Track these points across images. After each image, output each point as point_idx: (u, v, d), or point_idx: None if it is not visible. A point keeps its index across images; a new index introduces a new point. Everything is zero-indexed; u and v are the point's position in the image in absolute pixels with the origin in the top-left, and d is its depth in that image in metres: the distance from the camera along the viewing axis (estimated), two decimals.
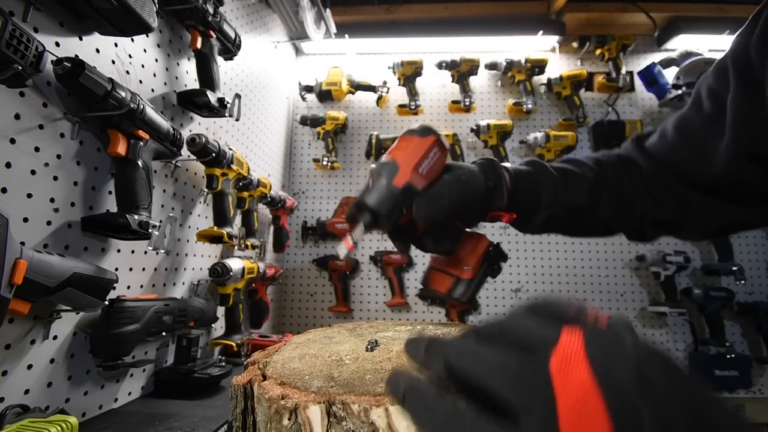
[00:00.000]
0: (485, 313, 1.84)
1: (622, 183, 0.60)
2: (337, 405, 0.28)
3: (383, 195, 0.45)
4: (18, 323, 0.61)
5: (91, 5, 0.67)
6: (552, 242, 1.88)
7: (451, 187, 0.49)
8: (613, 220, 0.61)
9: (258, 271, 1.26)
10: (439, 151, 0.49)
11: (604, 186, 0.59)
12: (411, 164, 0.46)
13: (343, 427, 0.27)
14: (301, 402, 0.28)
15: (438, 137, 0.49)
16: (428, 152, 0.47)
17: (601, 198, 0.59)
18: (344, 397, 0.28)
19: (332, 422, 0.28)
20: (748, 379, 1.68)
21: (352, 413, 0.27)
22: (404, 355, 0.27)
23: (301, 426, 0.28)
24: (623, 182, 0.60)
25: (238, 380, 0.34)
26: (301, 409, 0.28)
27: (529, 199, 0.57)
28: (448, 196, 0.48)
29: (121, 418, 0.76)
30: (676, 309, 1.68)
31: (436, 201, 0.48)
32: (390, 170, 0.46)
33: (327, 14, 1.70)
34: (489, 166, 0.55)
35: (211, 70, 1.04)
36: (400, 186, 0.45)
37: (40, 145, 0.65)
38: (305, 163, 2.00)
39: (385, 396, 0.28)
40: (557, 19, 1.88)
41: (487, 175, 0.54)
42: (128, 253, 0.85)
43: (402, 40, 1.95)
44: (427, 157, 0.47)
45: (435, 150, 0.48)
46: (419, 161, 0.47)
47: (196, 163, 1.08)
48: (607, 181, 0.60)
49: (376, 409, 0.27)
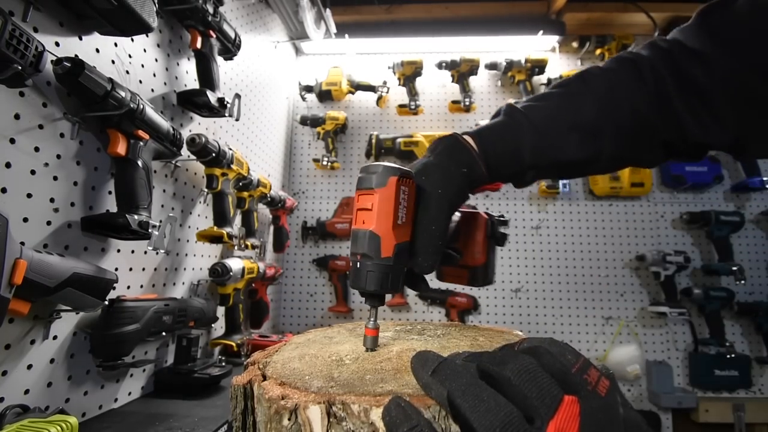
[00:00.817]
0: (485, 313, 1.84)
1: (645, 110, 0.47)
2: (337, 405, 0.28)
3: (379, 274, 0.39)
4: (18, 323, 0.61)
5: (90, 5, 0.67)
6: (552, 242, 1.88)
7: (436, 216, 0.42)
8: (625, 160, 0.51)
9: (258, 271, 1.26)
10: (407, 186, 0.40)
11: (611, 123, 0.47)
12: (389, 226, 0.39)
13: (343, 427, 0.27)
14: (301, 402, 0.28)
15: (399, 175, 0.39)
16: (397, 199, 0.39)
17: (604, 143, 0.48)
18: (344, 397, 0.28)
19: (332, 422, 0.27)
20: (748, 379, 1.68)
21: (352, 413, 0.27)
22: (405, 355, 0.27)
23: (301, 426, 0.28)
24: (647, 108, 0.47)
25: (238, 380, 0.34)
26: (301, 409, 0.28)
27: (508, 162, 0.48)
28: (438, 226, 0.42)
29: (121, 418, 0.76)
30: (676, 309, 1.68)
31: (430, 245, 0.41)
32: (371, 244, 0.39)
33: (327, 14, 1.70)
34: (449, 146, 0.46)
35: (211, 70, 1.04)
36: (390, 255, 0.39)
37: (40, 145, 0.65)
38: (305, 163, 2.00)
39: (386, 396, 0.28)
40: (557, 19, 1.88)
41: (453, 158, 0.45)
42: (128, 253, 0.85)
43: (402, 40, 1.95)
44: (399, 204, 0.39)
45: (402, 189, 0.39)
46: (394, 216, 0.39)
47: (196, 163, 1.08)
48: (618, 112, 0.47)
49: (376, 410, 0.27)
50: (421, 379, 0.26)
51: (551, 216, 1.90)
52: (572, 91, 0.50)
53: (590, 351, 1.79)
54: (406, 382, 0.31)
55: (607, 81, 0.49)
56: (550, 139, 0.48)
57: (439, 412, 0.26)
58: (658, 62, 0.48)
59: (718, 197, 1.87)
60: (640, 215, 1.87)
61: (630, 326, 1.79)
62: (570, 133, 0.48)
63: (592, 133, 0.48)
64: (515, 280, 1.86)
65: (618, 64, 0.50)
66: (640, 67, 0.49)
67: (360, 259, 0.40)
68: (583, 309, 1.82)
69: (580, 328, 1.81)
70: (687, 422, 1.71)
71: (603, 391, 0.22)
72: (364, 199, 0.40)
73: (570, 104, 0.49)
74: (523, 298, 1.85)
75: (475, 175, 0.46)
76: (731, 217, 1.75)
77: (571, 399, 0.21)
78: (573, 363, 0.23)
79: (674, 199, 1.88)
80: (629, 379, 1.70)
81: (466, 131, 0.49)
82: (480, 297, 1.84)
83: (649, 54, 0.49)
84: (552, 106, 0.49)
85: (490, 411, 0.21)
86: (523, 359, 0.23)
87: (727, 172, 1.87)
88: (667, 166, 1.84)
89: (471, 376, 0.24)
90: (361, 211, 0.40)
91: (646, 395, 1.73)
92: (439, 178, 0.43)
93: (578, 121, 0.48)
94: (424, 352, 0.27)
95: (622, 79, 0.49)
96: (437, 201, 0.42)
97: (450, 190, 0.43)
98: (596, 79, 0.50)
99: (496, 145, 0.47)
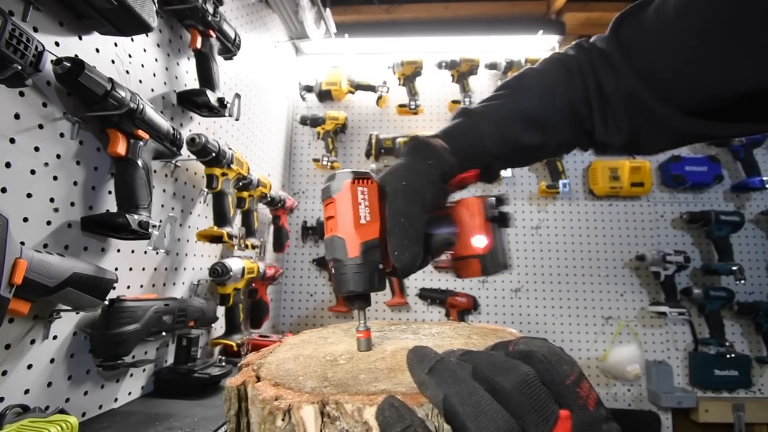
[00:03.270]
0: (485, 313, 1.84)
1: (577, 102, 0.52)
2: (330, 405, 0.28)
3: (351, 274, 0.40)
4: (18, 323, 0.61)
5: (90, 5, 0.67)
6: (552, 242, 1.88)
7: (404, 208, 0.42)
8: (570, 146, 0.56)
9: (258, 271, 1.26)
10: (365, 186, 0.41)
11: (551, 114, 0.52)
12: (350, 227, 0.40)
13: (336, 426, 0.27)
14: (295, 402, 0.28)
15: (352, 177, 0.40)
16: (355, 200, 0.40)
17: (550, 131, 0.53)
18: (338, 396, 0.28)
19: (326, 422, 0.27)
20: (748, 379, 1.68)
21: (346, 413, 0.27)
22: (399, 354, 0.27)
23: (294, 426, 0.28)
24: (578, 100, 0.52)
25: (231, 382, 0.34)
26: (294, 409, 0.28)
27: (474, 154, 0.50)
28: (410, 218, 0.41)
29: (121, 417, 0.76)
30: (676, 309, 1.68)
31: (404, 237, 0.41)
32: (338, 248, 0.40)
33: (327, 14, 1.71)
34: (413, 146, 0.48)
35: (210, 69, 1.04)
36: (358, 254, 0.40)
37: (40, 144, 0.65)
38: (305, 163, 2.00)
39: (379, 395, 0.28)
40: (557, 19, 1.89)
41: (417, 154, 0.46)
42: (128, 253, 0.85)
43: (402, 39, 1.95)
44: (359, 205, 0.40)
45: (360, 191, 0.41)
46: (355, 216, 0.40)
47: (196, 163, 1.08)
48: (555, 104, 0.52)
49: (369, 408, 0.27)
50: (417, 377, 0.26)
51: (551, 216, 1.90)
52: (515, 89, 0.55)
53: (590, 351, 1.79)
54: (400, 381, 0.31)
55: (543, 80, 0.55)
56: (507, 129, 0.52)
57: (432, 410, 0.26)
58: (583, 63, 0.53)
59: (718, 197, 1.87)
60: (640, 215, 1.87)
61: (630, 326, 1.80)
62: (521, 123, 0.53)
63: (537, 123, 0.53)
64: (515, 280, 1.86)
65: (551, 64, 0.56)
66: (569, 66, 0.54)
67: (333, 264, 0.41)
68: (582, 309, 1.82)
69: (580, 328, 1.81)
70: (687, 422, 1.71)
71: (592, 405, 0.23)
72: (328, 209, 0.42)
73: (516, 101, 0.54)
74: (522, 298, 1.85)
75: (445, 165, 0.47)
76: (731, 217, 1.75)
77: (565, 414, 0.22)
78: (568, 375, 0.24)
79: (674, 198, 1.88)
80: (629, 379, 1.69)
81: (434, 134, 0.52)
82: (480, 297, 1.84)
83: (575, 54, 0.55)
84: (503, 103, 0.54)
85: (492, 422, 0.22)
86: (522, 370, 0.24)
87: (727, 172, 1.87)
88: (668, 166, 1.84)
89: (470, 381, 0.24)
90: (328, 221, 0.42)
91: (646, 395, 1.73)
92: (404, 173, 0.44)
93: (525, 114, 0.53)
94: (421, 348, 0.27)
95: (555, 77, 0.54)
96: (403, 193, 0.43)
97: (417, 182, 0.44)
98: (533, 79, 0.55)
99: (461, 140, 0.51)
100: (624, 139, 0.52)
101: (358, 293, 0.41)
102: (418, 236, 0.42)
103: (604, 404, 0.24)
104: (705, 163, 1.82)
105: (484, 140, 0.51)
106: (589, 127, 0.54)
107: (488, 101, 0.55)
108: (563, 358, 0.25)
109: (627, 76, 0.49)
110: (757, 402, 1.67)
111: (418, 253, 0.42)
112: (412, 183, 0.44)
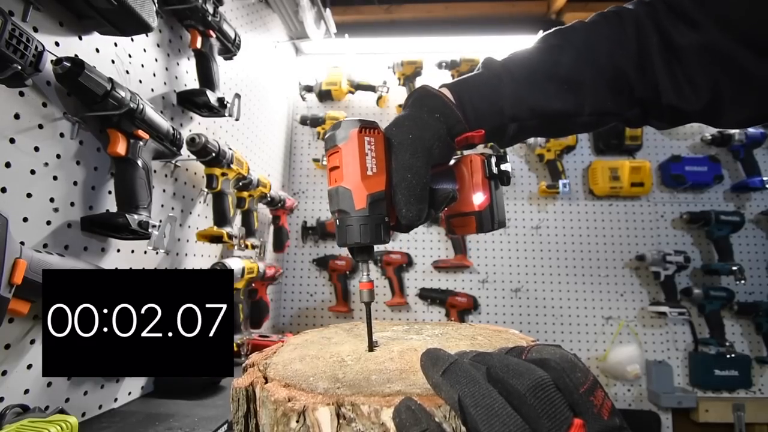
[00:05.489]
0: (485, 313, 1.84)
1: (624, 65, 0.46)
2: (346, 406, 0.27)
3: (357, 226, 0.39)
4: (18, 323, 0.61)
5: (90, 5, 0.67)
6: (552, 242, 1.88)
7: (410, 163, 0.41)
8: (608, 115, 0.49)
9: (258, 270, 1.26)
10: (372, 136, 0.40)
11: (590, 75, 0.46)
12: (357, 178, 0.39)
13: (353, 428, 0.27)
14: (310, 404, 0.28)
15: (359, 126, 0.40)
16: (362, 150, 0.39)
17: (584, 95, 0.47)
18: (353, 398, 0.28)
19: (342, 424, 0.27)
20: (748, 379, 1.68)
21: (362, 414, 0.27)
22: (407, 355, 0.27)
23: (309, 428, 0.28)
24: (626, 63, 0.46)
25: (239, 383, 0.34)
26: (309, 411, 0.28)
27: (488, 113, 0.47)
28: (415, 174, 0.40)
29: (121, 417, 0.76)
30: (676, 309, 1.68)
31: (411, 193, 0.40)
32: (344, 199, 0.39)
33: (327, 14, 1.71)
34: (419, 96, 0.45)
35: (210, 69, 1.04)
36: (365, 206, 0.39)
37: (40, 144, 0.65)
38: (305, 163, 2.00)
39: (395, 396, 0.28)
40: (557, 19, 1.89)
41: (424, 106, 0.44)
42: (128, 253, 0.85)
43: (402, 40, 1.95)
44: (366, 155, 0.39)
45: (367, 140, 0.40)
46: (362, 167, 0.39)
47: (196, 163, 1.08)
48: (596, 65, 0.46)
49: (387, 410, 0.26)
50: (431, 378, 0.26)
51: (551, 216, 1.90)
52: (552, 43, 0.49)
53: (590, 351, 1.79)
54: (413, 382, 0.30)
55: (588, 34, 0.48)
56: (530, 89, 0.47)
57: (450, 411, 0.26)
58: (644, 18, 0.47)
59: (718, 197, 1.87)
60: (640, 215, 1.87)
61: (630, 326, 1.79)
62: (549, 83, 0.47)
63: (571, 84, 0.47)
64: (515, 280, 1.86)
65: (602, 17, 0.49)
66: (624, 21, 0.47)
67: (338, 216, 0.41)
68: (582, 309, 1.82)
69: (580, 328, 1.81)
70: (687, 422, 1.71)
71: (606, 414, 0.23)
72: (333, 158, 0.41)
73: (549, 56, 0.48)
74: (523, 298, 1.85)
75: (453, 120, 0.44)
76: (731, 217, 1.75)
77: (579, 423, 0.22)
78: (582, 383, 0.24)
79: (674, 198, 1.88)
80: (629, 379, 1.69)
81: (443, 83, 0.48)
82: (480, 297, 1.84)
83: (635, 8, 0.48)
84: (531, 58, 0.48)
85: (504, 426, 0.22)
86: (536, 373, 0.23)
87: (727, 172, 1.87)
88: (668, 166, 1.84)
89: (484, 383, 0.24)
90: (332, 171, 0.41)
91: (646, 395, 1.73)
92: (410, 125, 0.43)
93: (557, 72, 0.47)
94: (434, 350, 0.27)
95: (603, 32, 0.48)
96: (410, 147, 0.41)
97: (423, 135, 0.42)
98: (577, 33, 0.49)
99: (473, 96, 0.46)
100: (702, 101, 0.45)
101: (365, 245, 0.41)
102: (423, 192, 0.41)
103: (619, 413, 0.23)
104: (705, 163, 1.82)
105: (501, 99, 0.47)
106: (641, 94, 0.47)
107: (517, 53, 0.50)
108: (577, 365, 0.24)
109: (705, 27, 0.42)
110: (757, 402, 1.67)
111: (423, 209, 0.41)
112: (418, 136, 0.42)
